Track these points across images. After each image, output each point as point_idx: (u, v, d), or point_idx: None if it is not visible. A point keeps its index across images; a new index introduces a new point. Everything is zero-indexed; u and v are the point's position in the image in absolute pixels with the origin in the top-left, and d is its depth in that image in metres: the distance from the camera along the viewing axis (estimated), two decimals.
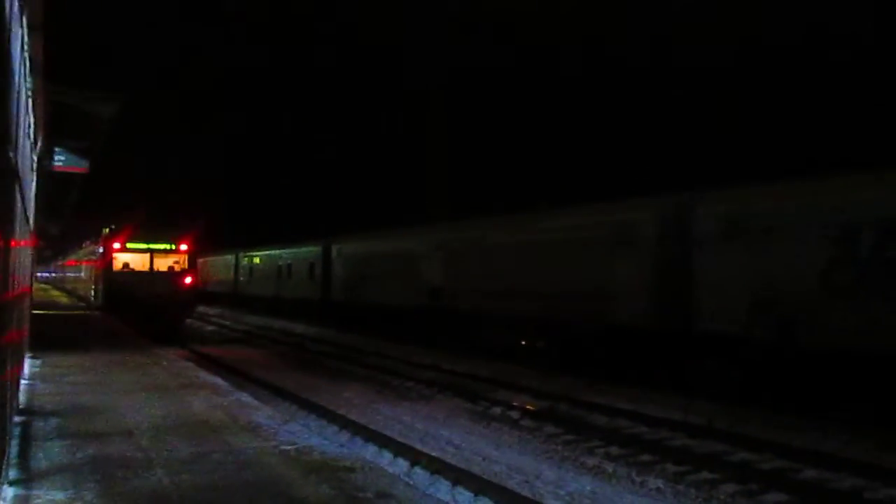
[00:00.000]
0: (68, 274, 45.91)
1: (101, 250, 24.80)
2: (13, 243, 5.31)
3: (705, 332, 13.12)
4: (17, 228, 6.12)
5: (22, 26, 6.46)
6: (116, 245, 23.42)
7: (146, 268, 23.53)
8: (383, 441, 9.83)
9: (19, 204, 6.38)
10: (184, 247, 24.21)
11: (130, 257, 23.58)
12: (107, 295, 24.12)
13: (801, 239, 11.61)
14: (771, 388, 12.05)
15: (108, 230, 24.48)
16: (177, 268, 24.12)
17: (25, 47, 7.15)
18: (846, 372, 10.92)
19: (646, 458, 9.33)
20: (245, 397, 9.89)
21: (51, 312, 26.86)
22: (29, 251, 11.08)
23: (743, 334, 12.39)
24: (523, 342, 18.69)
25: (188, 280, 24.23)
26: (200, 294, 31.89)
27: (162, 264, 23.84)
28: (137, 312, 21.97)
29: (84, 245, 33.51)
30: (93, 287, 28.05)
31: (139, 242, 23.52)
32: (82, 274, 35.18)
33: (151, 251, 23.64)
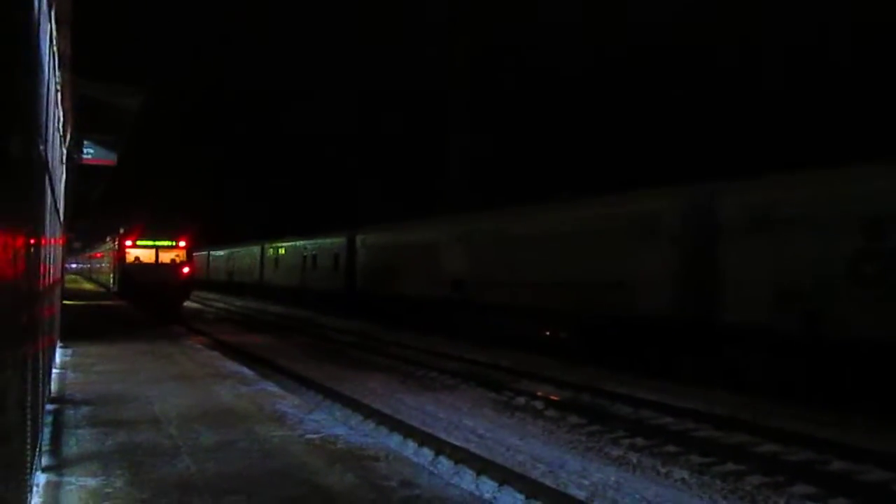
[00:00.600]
0: (93, 265, 53.75)
1: (116, 246, 30.49)
2: (44, 236, 5.41)
3: (729, 323, 13.03)
4: (48, 220, 6.23)
5: (50, 21, 6.55)
6: (129, 243, 28.68)
7: (152, 260, 28.55)
8: (407, 431, 9.89)
9: (50, 196, 6.49)
10: (182, 243, 29.27)
11: (140, 252, 28.64)
12: (121, 282, 29.71)
13: (827, 229, 11.47)
14: (796, 379, 11.95)
15: (122, 230, 29.78)
16: (177, 260, 29.10)
17: (53, 42, 7.25)
18: (872, 363, 10.80)
19: (670, 448, 9.30)
20: (270, 387, 10.01)
21: (80, 303, 27.29)
22: (59, 243, 11.27)
23: (768, 325, 12.28)
24: (546, 333, 18.68)
25: (186, 270, 29.36)
26: (199, 282, 39.91)
27: (165, 257, 28.81)
28: (145, 296, 26.78)
29: (105, 242, 40.14)
30: (111, 276, 34.23)
31: (147, 240, 28.64)
32: (103, 265, 42.26)
33: (157, 247, 28.77)
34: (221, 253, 54.00)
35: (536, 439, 9.85)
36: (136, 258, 28.61)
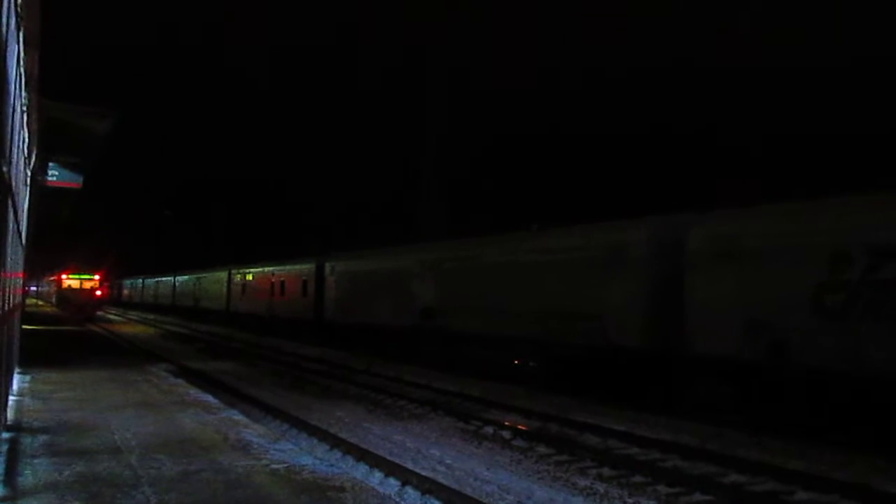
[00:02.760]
0: (43, 288, 76.44)
1: (57, 278, 51.67)
2: (3, 259, 5.29)
3: (698, 353, 13.12)
4: (10, 243, 6.10)
5: (18, 42, 6.48)
6: (64, 276, 48.14)
7: (78, 286, 47.14)
8: (374, 460, 9.76)
9: (12, 218, 6.36)
10: (97, 277, 48.19)
11: (71, 282, 47.45)
12: (59, 299, 50.38)
13: (792, 261, 11.65)
14: (764, 409, 12.05)
15: (61, 269, 49.26)
16: (93, 287, 47.84)
17: (21, 62, 7.16)
18: (839, 394, 10.93)
19: (638, 479, 9.29)
20: (236, 415, 9.84)
21: (41, 327, 26.72)
22: (20, 265, 11.04)
23: (735, 355, 12.39)
24: (515, 361, 18.66)
25: (98, 293, 49.05)
26: (109, 301, 62.90)
27: (86, 285, 47.38)
28: (73, 308, 44.22)
29: (52, 274, 58.98)
30: (54, 295, 55.17)
31: (74, 275, 47.34)
32: (50, 289, 63.70)
33: (81, 279, 47.27)
34: (187, 278, 53.29)
35: (504, 469, 9.78)
36: (69, 285, 47.53)
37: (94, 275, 47.51)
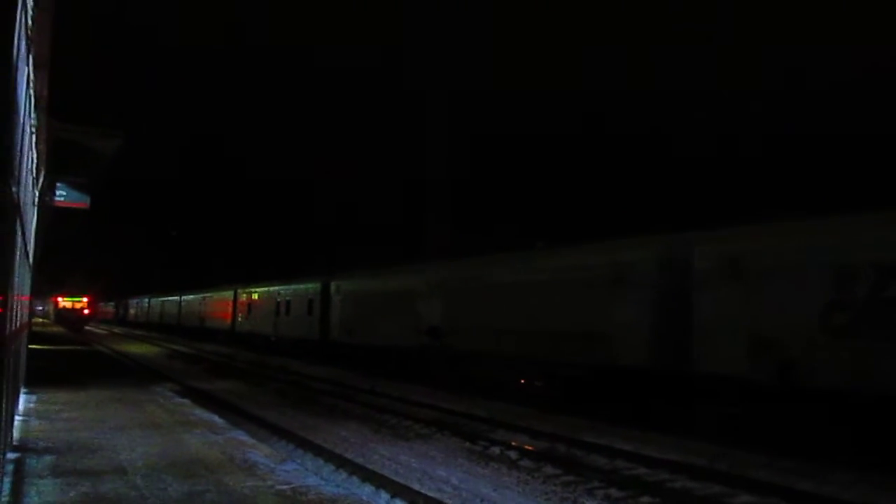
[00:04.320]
0: (46, 307, 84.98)
1: (55, 300, 67.93)
2: (11, 280, 5.31)
3: (705, 373, 13.05)
4: (17, 263, 6.13)
5: (28, 64, 6.54)
6: (60, 298, 64.50)
7: (71, 306, 62.50)
8: (380, 481, 9.70)
9: (20, 239, 6.39)
10: (85, 299, 63.64)
11: (65, 302, 63.51)
12: (56, 316, 66.12)
13: (799, 279, 11.61)
14: (772, 429, 11.95)
15: (59, 293, 64.38)
16: (83, 306, 63.39)
17: (31, 84, 7.23)
18: (847, 413, 10.84)
19: (646, 499, 9.20)
20: (241, 435, 9.81)
21: (47, 347, 26.75)
22: (28, 285, 11.07)
23: (743, 375, 12.32)
24: (522, 381, 18.57)
25: (86, 311, 64.23)
26: (95, 317, 74.82)
27: (77, 305, 62.83)
28: (67, 322, 59.24)
29: (52, 296, 71.23)
30: (52, 313, 71.49)
31: (67, 297, 63.24)
32: (48, 308, 79.46)
33: (73, 300, 62.81)
34: (193, 297, 53.30)
35: (511, 490, 9.70)
36: (64, 305, 64.15)
37: (82, 297, 64.47)
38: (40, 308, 78.93)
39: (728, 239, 13.39)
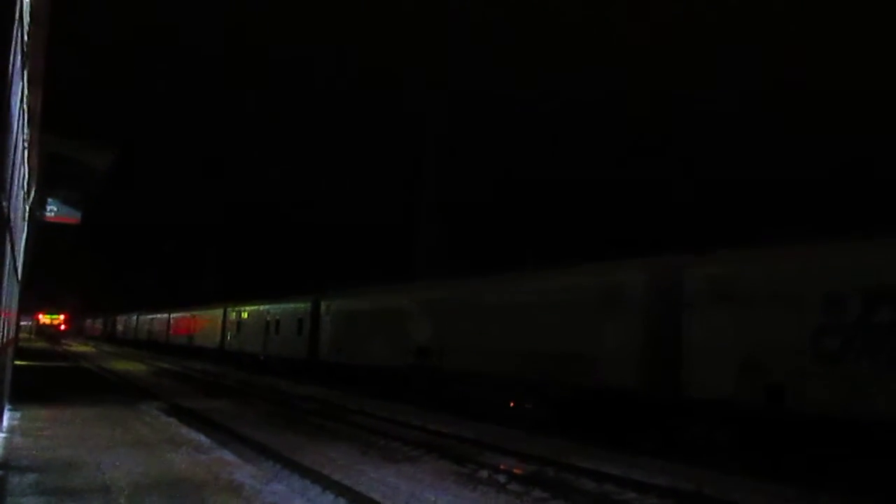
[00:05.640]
0: (28, 323, 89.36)
1: (35, 316, 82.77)
2: None
3: (694, 397, 13.04)
4: (5, 279, 6.08)
5: (23, 79, 6.54)
6: (41, 315, 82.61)
7: (50, 322, 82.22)
8: (368, 503, 9.60)
9: (9, 254, 6.35)
10: (61, 317, 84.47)
11: (45, 319, 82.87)
12: (37, 331, 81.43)
13: (789, 303, 11.66)
14: (761, 454, 11.94)
15: (39, 311, 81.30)
16: (60, 322, 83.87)
17: (24, 99, 7.22)
18: (836, 437, 10.85)
19: None
20: (227, 455, 9.73)
21: (33, 363, 26.51)
22: (16, 301, 11.00)
23: (732, 398, 12.32)
24: (511, 403, 18.51)
25: (62, 327, 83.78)
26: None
27: (54, 321, 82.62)
28: (46, 335, 76.32)
29: (34, 314, 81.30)
30: (33, 328, 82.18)
31: (47, 314, 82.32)
32: (32, 323, 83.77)
33: (51, 318, 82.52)
34: (183, 315, 53.03)
35: None
36: (44, 322, 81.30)
37: (59, 315, 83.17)
38: (25, 323, 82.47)
39: (718, 262, 13.45)
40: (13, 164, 5.53)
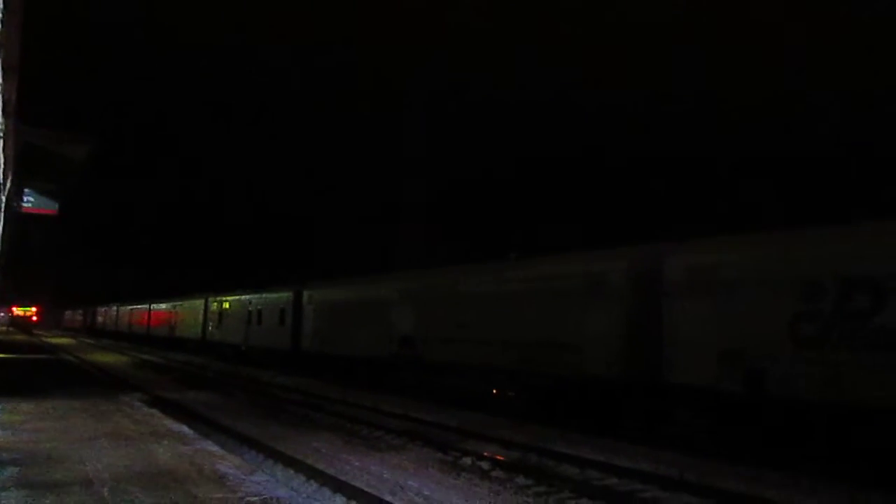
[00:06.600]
0: (2, 314, 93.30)
1: (9, 310, 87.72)
2: None
3: (675, 383, 13.17)
4: None
5: None
6: (15, 308, 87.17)
7: (23, 314, 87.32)
8: (352, 492, 9.63)
9: None
10: (34, 308, 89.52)
11: (18, 311, 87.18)
12: (11, 322, 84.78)
13: (768, 290, 11.78)
14: (742, 439, 12.09)
15: (13, 304, 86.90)
16: (33, 314, 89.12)
17: None
18: (816, 423, 11.01)
19: None
20: (211, 446, 9.70)
21: (13, 356, 26.24)
22: None
23: (712, 385, 12.45)
24: (494, 391, 18.59)
25: (35, 318, 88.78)
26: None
27: (28, 313, 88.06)
28: (20, 327, 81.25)
29: (7, 307, 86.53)
30: (8, 320, 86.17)
31: (20, 307, 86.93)
32: (6, 315, 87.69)
33: (25, 310, 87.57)
34: (164, 306, 52.67)
35: (483, 500, 9.69)
36: (17, 314, 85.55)
37: (32, 308, 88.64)
38: (1, 315, 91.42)
39: (698, 250, 13.56)
40: None
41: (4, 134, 8.92)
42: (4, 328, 79.15)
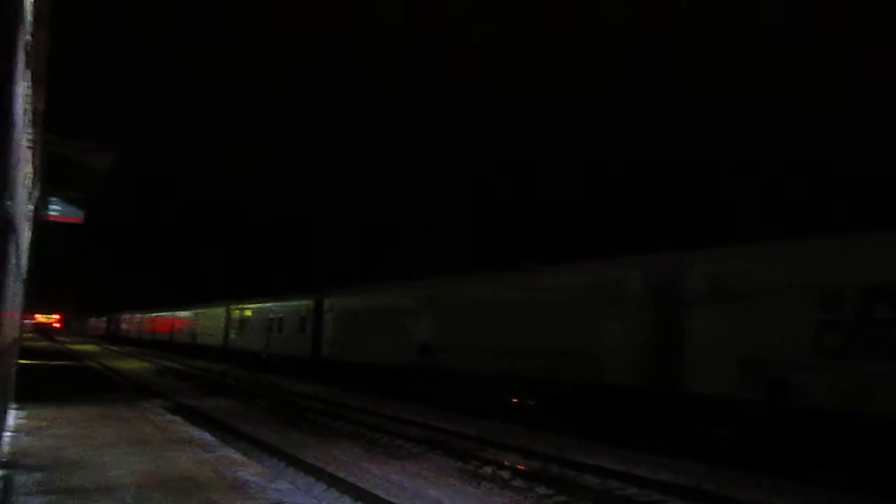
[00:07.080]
0: (28, 322, 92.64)
1: (32, 317, 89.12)
2: (3, 296, 5.30)
3: (696, 393, 13.06)
4: (9, 280, 6.12)
5: (25, 79, 6.57)
6: (38, 315, 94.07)
7: (46, 321, 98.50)
8: (372, 500, 9.64)
9: (13, 254, 6.39)
10: (56, 316, 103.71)
11: (42, 318, 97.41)
12: (34, 328, 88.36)
13: (791, 299, 11.67)
14: (762, 449, 11.96)
15: (36, 311, 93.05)
16: (54, 321, 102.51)
17: (28, 99, 7.25)
18: (837, 433, 10.87)
19: None
20: (232, 453, 9.76)
21: (37, 362, 26.58)
22: (20, 301, 11.04)
23: (733, 395, 12.34)
24: (514, 400, 18.54)
25: (56, 325, 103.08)
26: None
27: (50, 320, 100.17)
28: (43, 333, 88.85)
29: (31, 314, 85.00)
30: (31, 326, 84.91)
31: (43, 314, 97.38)
32: (29, 322, 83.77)
33: (48, 317, 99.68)
34: (186, 314, 53.07)
35: None
36: (40, 321, 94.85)
37: (53, 315, 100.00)
38: (28, 321, 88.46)
39: (719, 258, 13.46)
40: (17, 164, 5.56)
41: (33, 144, 9.08)
42: (29, 334, 78.96)
